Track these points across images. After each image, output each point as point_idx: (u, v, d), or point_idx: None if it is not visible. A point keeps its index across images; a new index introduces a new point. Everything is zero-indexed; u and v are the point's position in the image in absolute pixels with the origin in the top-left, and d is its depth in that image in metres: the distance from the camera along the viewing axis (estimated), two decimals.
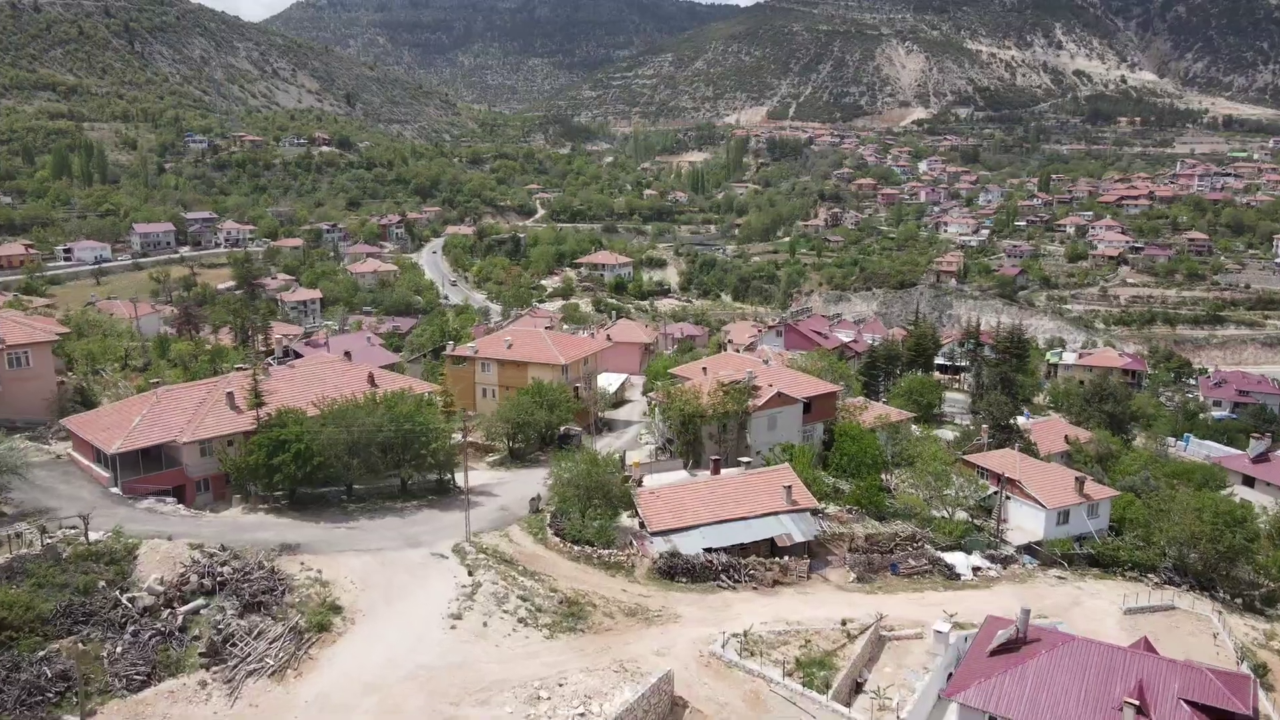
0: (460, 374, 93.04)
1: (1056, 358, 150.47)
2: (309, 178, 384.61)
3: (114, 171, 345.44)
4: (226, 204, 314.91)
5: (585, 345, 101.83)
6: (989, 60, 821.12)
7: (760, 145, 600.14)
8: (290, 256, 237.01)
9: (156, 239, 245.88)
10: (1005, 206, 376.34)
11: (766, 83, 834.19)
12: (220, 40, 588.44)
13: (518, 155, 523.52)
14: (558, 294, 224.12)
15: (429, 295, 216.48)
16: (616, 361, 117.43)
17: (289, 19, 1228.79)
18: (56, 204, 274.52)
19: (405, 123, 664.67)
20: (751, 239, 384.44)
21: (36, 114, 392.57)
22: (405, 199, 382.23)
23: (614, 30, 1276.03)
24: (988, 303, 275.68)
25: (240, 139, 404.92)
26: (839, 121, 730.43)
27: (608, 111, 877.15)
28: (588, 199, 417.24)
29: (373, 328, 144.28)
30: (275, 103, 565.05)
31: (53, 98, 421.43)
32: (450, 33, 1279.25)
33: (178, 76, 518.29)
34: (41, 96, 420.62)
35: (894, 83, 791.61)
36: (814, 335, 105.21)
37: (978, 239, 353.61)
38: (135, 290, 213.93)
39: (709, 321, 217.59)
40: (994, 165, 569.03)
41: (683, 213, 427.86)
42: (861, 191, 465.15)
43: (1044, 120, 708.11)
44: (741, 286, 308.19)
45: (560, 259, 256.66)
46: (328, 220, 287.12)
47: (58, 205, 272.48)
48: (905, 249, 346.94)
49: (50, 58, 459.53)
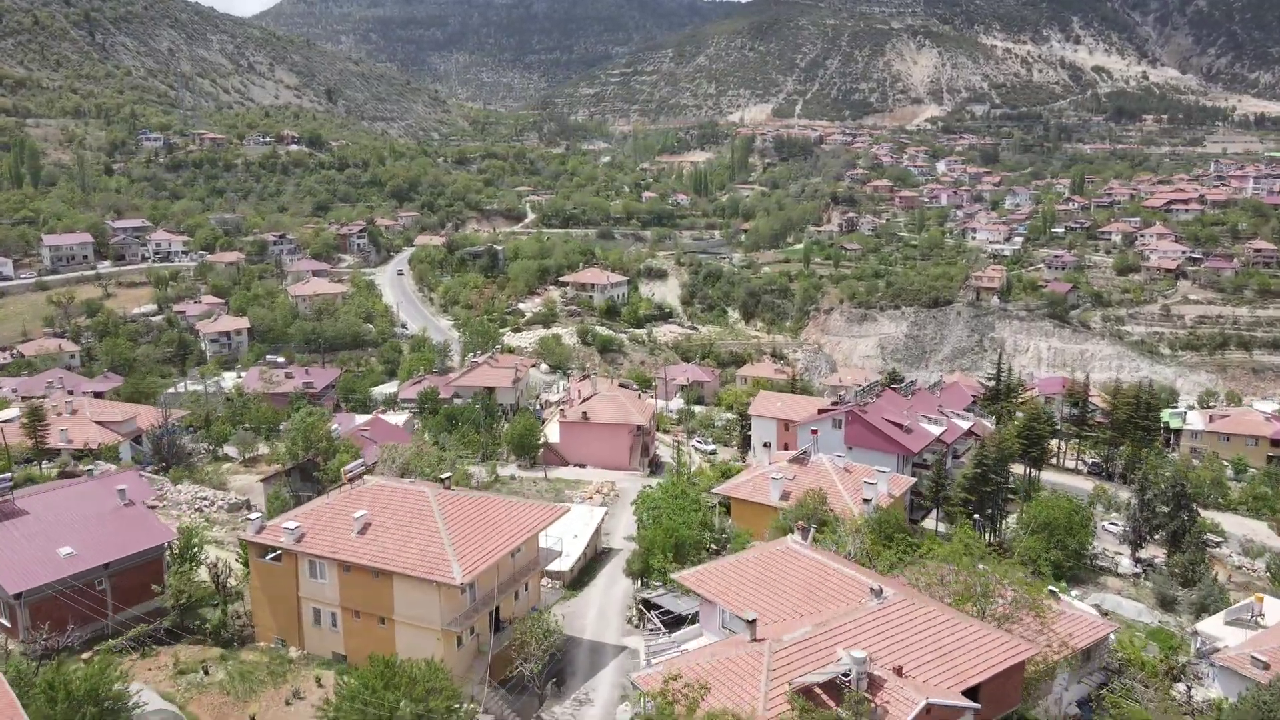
0: (274, 578, 48.83)
1: (1178, 420, 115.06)
2: (273, 179, 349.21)
3: (53, 173, 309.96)
4: (173, 209, 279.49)
5: (513, 526, 49.43)
6: (1004, 56, 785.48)
7: (766, 144, 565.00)
8: (225, 274, 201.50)
9: (70, 252, 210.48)
10: (1041, 211, 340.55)
11: (771, 79, 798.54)
12: (192, 32, 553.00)
13: (508, 155, 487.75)
14: (537, 320, 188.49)
15: (382, 323, 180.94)
16: (595, 451, 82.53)
17: (280, 14, 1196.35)
18: None
19: (391, 120, 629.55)
20: (759, 245, 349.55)
21: None
22: (380, 203, 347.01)
23: (613, 27, 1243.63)
24: (1036, 324, 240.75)
25: (200, 137, 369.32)
26: (848, 120, 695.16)
27: (605, 109, 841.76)
28: (582, 202, 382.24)
29: (268, 382, 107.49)
30: (249, 99, 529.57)
31: None
32: (445, 29, 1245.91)
33: (141, 70, 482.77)
34: None
35: (905, 79, 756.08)
36: (889, 430, 70.33)
37: (1010, 247, 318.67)
38: (29, 317, 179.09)
39: (717, 355, 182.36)
40: (1015, 165, 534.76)
41: (684, 216, 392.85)
42: (877, 194, 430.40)
43: (1064, 118, 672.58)
44: (751, 301, 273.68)
45: (544, 275, 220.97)
46: (279, 229, 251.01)
47: None
48: (930, 258, 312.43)
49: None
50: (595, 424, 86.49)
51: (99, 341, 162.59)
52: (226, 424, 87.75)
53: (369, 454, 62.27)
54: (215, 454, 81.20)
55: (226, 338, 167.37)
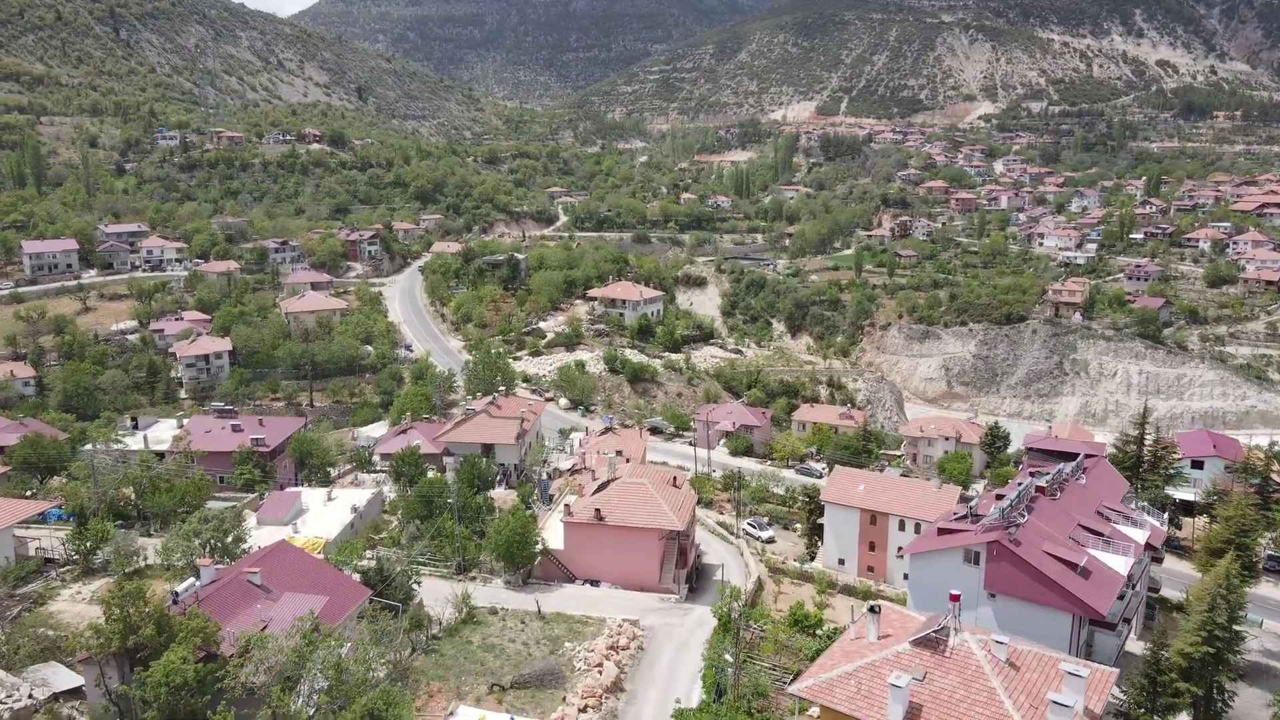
0: None
1: None
2: (291, 180, 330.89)
3: (61, 173, 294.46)
4: (179, 212, 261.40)
5: None
6: (1062, 50, 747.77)
7: (812, 143, 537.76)
8: (216, 286, 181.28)
9: (53, 260, 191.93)
10: (1120, 215, 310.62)
11: (815, 76, 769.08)
12: (220, 29, 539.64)
13: (540, 154, 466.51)
14: (560, 342, 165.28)
15: (382, 345, 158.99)
16: (612, 564, 59.50)
17: (317, 14, 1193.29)
18: None
19: (422, 119, 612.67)
20: (805, 250, 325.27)
21: None
22: (402, 205, 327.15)
23: (652, 24, 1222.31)
24: (1124, 345, 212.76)
25: (217, 135, 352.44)
26: (896, 117, 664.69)
27: (643, 108, 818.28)
28: (617, 204, 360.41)
29: (180, 440, 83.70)
30: (277, 96, 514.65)
31: (15, 89, 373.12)
32: (482, 28, 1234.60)
33: (166, 67, 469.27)
34: (2, 87, 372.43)
35: (957, 75, 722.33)
36: (1058, 574, 45.74)
37: (1084, 255, 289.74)
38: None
39: (766, 384, 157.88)
40: (1078, 165, 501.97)
41: (725, 219, 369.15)
42: (932, 195, 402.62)
43: (1128, 115, 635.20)
44: (798, 314, 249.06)
45: (570, 288, 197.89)
46: (285, 234, 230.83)
47: None
48: (994, 266, 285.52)
49: (19, 45, 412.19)
50: (613, 527, 63.84)
51: (61, 365, 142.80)
52: (121, 508, 66.39)
53: (245, 617, 39.67)
54: (85, 564, 59.34)
55: (205, 361, 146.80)
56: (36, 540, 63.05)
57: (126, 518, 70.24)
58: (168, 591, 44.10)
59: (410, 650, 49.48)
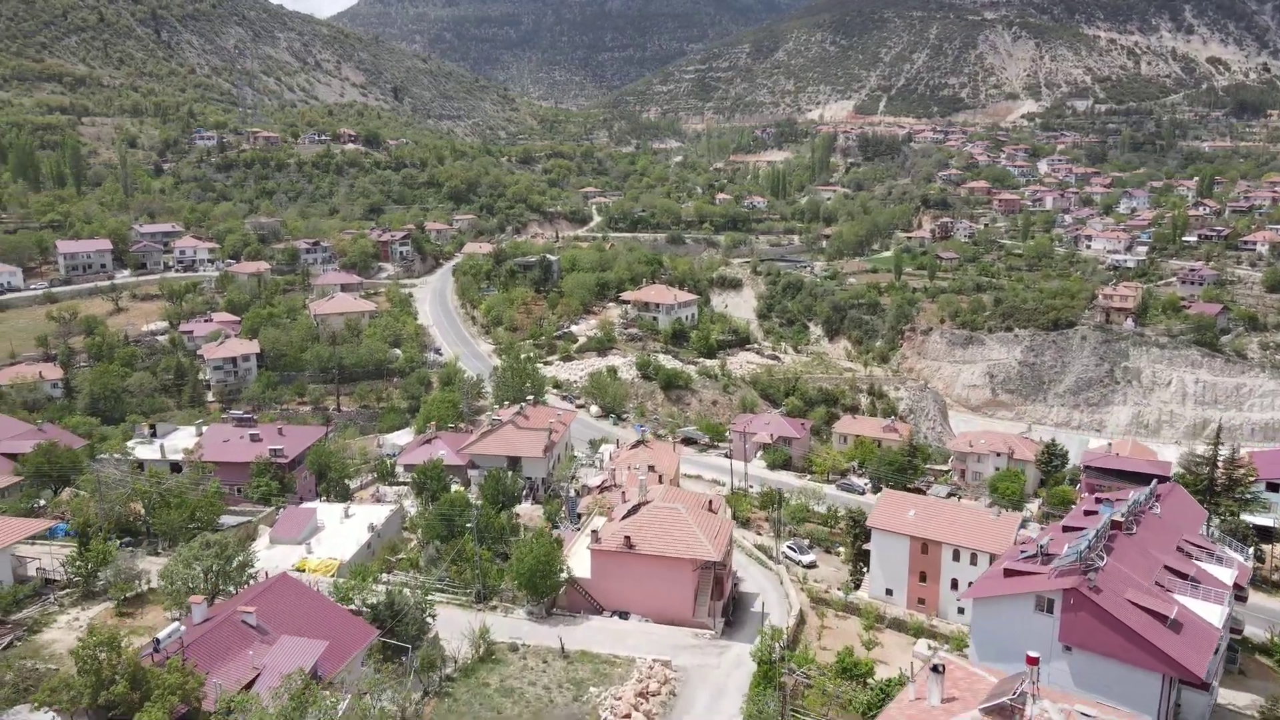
0: None
1: None
2: (326, 180, 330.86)
3: (100, 173, 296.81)
4: (215, 212, 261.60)
5: None
6: (1108, 47, 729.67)
7: (850, 143, 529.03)
8: (247, 287, 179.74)
9: (87, 260, 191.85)
10: (1173, 217, 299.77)
11: (854, 75, 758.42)
12: (259, 30, 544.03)
13: (574, 154, 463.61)
14: (591, 346, 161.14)
15: (411, 348, 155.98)
16: (642, 595, 55.12)
17: (355, 15, 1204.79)
18: None
19: (458, 118, 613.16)
20: (843, 252, 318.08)
21: (35, 106, 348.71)
22: (435, 205, 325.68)
23: (687, 23, 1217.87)
24: (1179, 353, 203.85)
25: (254, 135, 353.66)
26: (936, 116, 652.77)
27: (678, 107, 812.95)
28: (651, 204, 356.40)
29: (191, 453, 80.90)
30: (314, 97, 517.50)
31: (57, 90, 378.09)
32: (518, 28, 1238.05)
33: (206, 68, 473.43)
34: (45, 88, 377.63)
35: (999, 73, 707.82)
36: (1145, 627, 40.37)
37: (1134, 259, 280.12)
38: (30, 332, 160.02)
39: (804, 392, 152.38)
40: (1125, 165, 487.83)
41: (761, 220, 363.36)
42: (974, 196, 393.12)
43: (1178, 114, 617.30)
44: (835, 317, 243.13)
45: (603, 291, 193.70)
46: (317, 234, 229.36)
47: None
48: (1039, 269, 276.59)
49: (62, 46, 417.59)
50: (644, 556, 59.02)
51: (91, 367, 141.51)
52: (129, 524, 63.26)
53: (236, 665, 35.80)
54: (86, 587, 56.07)
55: (232, 364, 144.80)
56: (37, 560, 60.07)
57: (135, 534, 67.17)
58: (150, 638, 40.35)
59: (421, 694, 45.42)
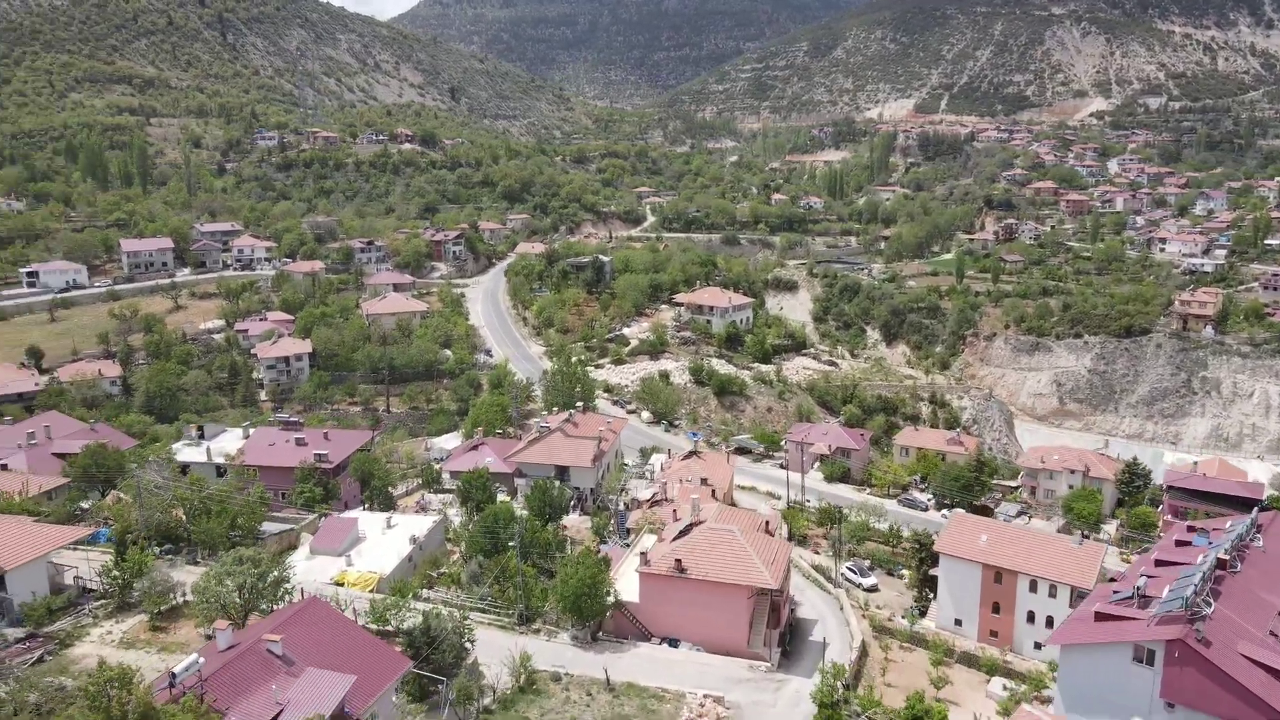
0: None
1: None
2: (383, 179, 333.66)
3: (166, 172, 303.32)
4: (274, 211, 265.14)
5: None
6: (1183, 43, 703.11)
7: (910, 142, 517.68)
8: (301, 286, 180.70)
9: (149, 259, 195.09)
10: (1254, 219, 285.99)
11: (914, 72, 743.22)
12: (321, 32, 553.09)
13: (629, 154, 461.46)
14: (643, 349, 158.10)
15: (461, 349, 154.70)
16: (694, 622, 51.70)
17: (415, 16, 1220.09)
18: (66, 210, 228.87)
19: (513, 118, 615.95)
20: (902, 255, 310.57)
21: (106, 108, 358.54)
22: (489, 204, 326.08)
23: (744, 21, 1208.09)
24: (1263, 362, 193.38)
25: (313, 135, 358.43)
26: (1000, 114, 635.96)
27: (734, 107, 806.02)
28: (706, 204, 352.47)
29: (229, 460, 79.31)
30: (373, 97, 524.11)
31: (128, 91, 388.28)
32: (574, 28, 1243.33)
33: (269, 69, 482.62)
34: (116, 90, 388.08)
35: (1067, 69, 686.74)
36: (1260, 686, 36.02)
37: (1211, 263, 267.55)
38: (92, 329, 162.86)
39: (863, 399, 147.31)
40: (1201, 165, 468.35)
41: (817, 221, 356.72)
42: (1040, 197, 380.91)
43: (1257, 111, 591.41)
44: (894, 321, 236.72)
45: (656, 292, 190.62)
46: (372, 234, 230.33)
47: (63, 212, 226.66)
48: (1109, 273, 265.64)
49: (133, 49, 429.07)
50: (696, 581, 54.79)
51: (148, 365, 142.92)
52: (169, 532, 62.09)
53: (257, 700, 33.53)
54: (121, 598, 54.72)
55: (285, 364, 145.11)
56: (74, 569, 59.05)
57: (177, 541, 65.97)
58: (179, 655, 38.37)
59: None
